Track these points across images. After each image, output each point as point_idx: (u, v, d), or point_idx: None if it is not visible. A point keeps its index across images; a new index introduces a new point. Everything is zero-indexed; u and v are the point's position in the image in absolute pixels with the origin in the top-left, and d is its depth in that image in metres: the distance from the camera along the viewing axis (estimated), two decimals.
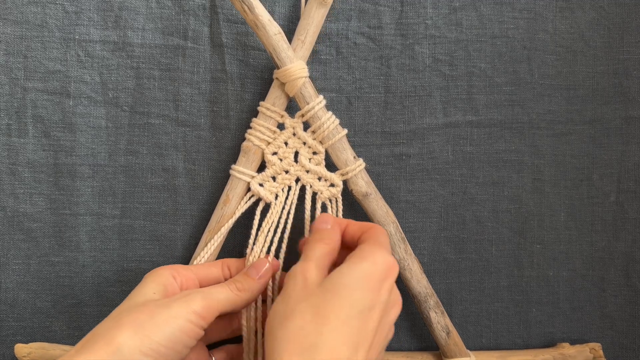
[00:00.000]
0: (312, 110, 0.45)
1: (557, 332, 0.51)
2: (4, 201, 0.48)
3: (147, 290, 0.37)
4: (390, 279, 0.36)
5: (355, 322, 0.33)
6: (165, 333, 0.34)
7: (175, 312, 0.35)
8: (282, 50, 0.44)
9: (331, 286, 0.34)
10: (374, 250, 0.36)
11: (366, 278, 0.34)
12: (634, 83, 0.50)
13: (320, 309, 0.33)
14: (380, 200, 0.46)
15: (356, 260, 0.35)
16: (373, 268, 0.35)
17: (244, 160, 0.46)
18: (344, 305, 0.33)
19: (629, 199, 0.51)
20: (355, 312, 0.33)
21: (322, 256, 0.38)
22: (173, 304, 0.35)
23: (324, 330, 0.32)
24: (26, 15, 0.47)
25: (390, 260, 0.36)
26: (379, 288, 0.35)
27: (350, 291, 0.34)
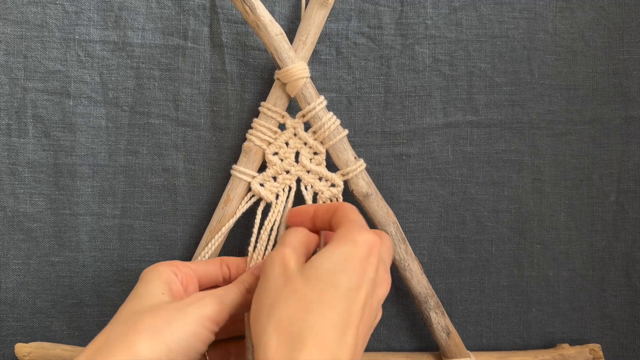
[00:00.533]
0: (313, 110, 0.45)
1: (557, 332, 0.51)
2: (4, 201, 0.48)
3: (155, 289, 0.36)
4: (373, 257, 0.35)
5: (340, 304, 0.32)
6: (181, 339, 0.33)
7: (190, 318, 0.34)
8: (283, 51, 0.44)
9: (313, 271, 0.33)
10: (350, 230, 0.35)
11: (347, 259, 0.34)
12: (634, 83, 0.50)
13: (304, 295, 0.32)
14: (380, 200, 0.46)
15: (335, 244, 0.35)
16: (354, 249, 0.34)
17: (244, 160, 0.46)
18: (327, 289, 0.32)
19: (629, 199, 0.51)
20: (340, 295, 0.32)
21: (297, 242, 0.37)
22: (187, 310, 0.34)
23: (309, 317, 0.31)
24: (26, 15, 0.47)
25: (370, 238, 0.35)
26: (363, 267, 0.34)
27: (332, 274, 0.33)
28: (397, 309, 0.50)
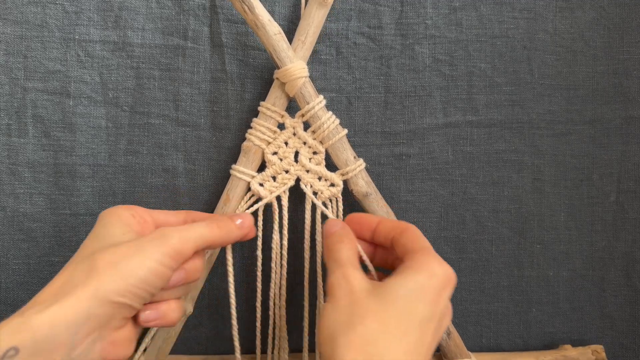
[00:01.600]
0: (312, 110, 0.45)
1: (557, 332, 0.51)
2: (4, 201, 0.48)
3: (115, 230, 0.36)
4: (448, 290, 0.36)
5: (415, 333, 0.33)
6: (140, 275, 0.34)
7: (150, 253, 0.34)
8: (282, 50, 0.44)
9: (389, 296, 0.34)
10: (428, 261, 0.35)
11: (424, 290, 0.34)
12: (634, 83, 0.50)
13: (381, 317, 0.33)
14: (380, 200, 0.46)
15: (412, 272, 0.35)
16: (431, 280, 0.35)
17: (244, 160, 0.46)
18: (404, 316, 0.33)
19: (629, 199, 0.51)
20: (415, 324, 0.33)
21: (352, 256, 0.38)
22: (147, 245, 0.35)
23: (387, 339, 0.32)
24: (26, 15, 0.47)
25: (448, 272, 0.36)
26: (437, 299, 0.34)
27: (409, 302, 0.34)
28: None
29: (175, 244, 0.35)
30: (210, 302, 0.49)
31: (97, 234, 0.36)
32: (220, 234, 0.39)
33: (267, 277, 0.48)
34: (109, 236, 0.36)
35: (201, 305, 0.48)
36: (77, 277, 0.33)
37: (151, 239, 0.35)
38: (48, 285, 0.34)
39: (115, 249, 0.34)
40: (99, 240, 0.36)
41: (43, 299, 0.32)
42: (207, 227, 0.38)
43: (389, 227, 0.40)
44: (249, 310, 0.49)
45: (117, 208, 0.38)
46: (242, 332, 0.50)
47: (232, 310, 0.44)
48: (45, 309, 0.31)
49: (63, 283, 0.33)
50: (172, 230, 0.36)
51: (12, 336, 0.30)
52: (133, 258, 0.34)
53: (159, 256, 0.34)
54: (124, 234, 0.36)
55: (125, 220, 0.37)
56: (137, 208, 0.39)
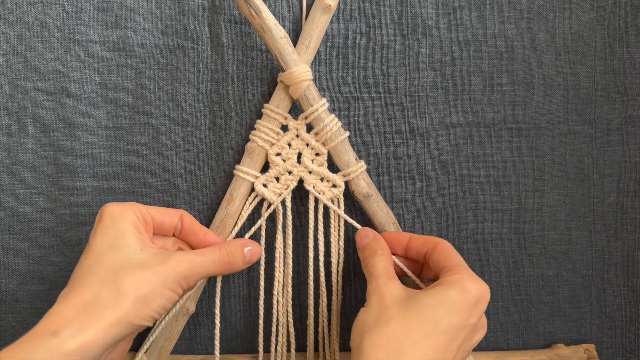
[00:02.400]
0: (316, 112, 0.45)
1: (557, 332, 0.51)
2: (4, 201, 0.48)
3: (133, 242, 0.38)
4: (481, 306, 0.37)
5: (439, 339, 0.35)
6: (161, 303, 0.37)
7: (169, 283, 0.37)
8: (287, 54, 0.44)
9: (416, 304, 0.36)
10: (462, 279, 0.37)
11: (454, 303, 0.36)
12: (634, 83, 0.50)
13: (404, 320, 0.36)
14: (381, 201, 0.47)
15: (444, 287, 0.37)
16: (463, 296, 0.37)
17: (247, 160, 0.46)
18: (427, 322, 0.35)
19: (629, 199, 0.51)
20: (438, 331, 0.35)
21: (386, 266, 0.41)
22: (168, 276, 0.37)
23: (407, 340, 0.35)
24: (26, 15, 0.47)
25: (482, 289, 0.38)
26: (469, 313, 0.36)
27: (435, 311, 0.36)
28: None
29: (189, 278, 0.38)
30: (210, 302, 0.49)
31: (115, 241, 0.38)
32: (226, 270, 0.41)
33: (269, 277, 0.48)
34: (128, 248, 0.37)
35: (201, 305, 0.48)
36: (105, 299, 0.35)
37: (171, 269, 0.37)
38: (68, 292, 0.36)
39: (142, 275, 0.36)
40: (119, 252, 0.37)
41: (72, 315, 0.34)
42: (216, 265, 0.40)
43: (420, 243, 0.43)
44: (250, 309, 0.49)
45: (126, 211, 0.39)
46: (243, 331, 0.50)
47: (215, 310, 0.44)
48: (77, 332, 0.33)
49: (91, 301, 0.35)
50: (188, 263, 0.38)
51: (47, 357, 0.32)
52: (157, 288, 0.36)
53: (176, 286, 0.38)
54: (142, 249, 0.38)
55: (137, 228, 0.39)
56: (140, 208, 0.40)
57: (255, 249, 0.43)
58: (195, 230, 0.42)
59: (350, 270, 0.50)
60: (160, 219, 0.41)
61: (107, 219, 0.38)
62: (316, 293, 0.47)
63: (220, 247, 0.41)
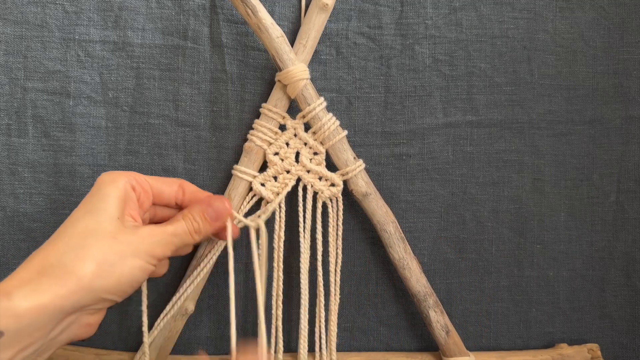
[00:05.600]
0: (313, 111, 0.45)
1: (557, 332, 0.51)
2: (4, 201, 0.48)
3: (111, 208, 0.37)
4: None
5: None
6: (129, 273, 0.35)
7: (140, 254, 0.36)
8: (284, 53, 0.44)
9: None
10: None
11: None
12: (634, 83, 0.50)
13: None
14: (379, 200, 0.47)
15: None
16: None
17: (246, 160, 0.46)
18: None
19: (629, 199, 0.51)
20: None
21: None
22: (140, 246, 0.36)
23: None
24: (26, 15, 0.47)
25: None
26: None
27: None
28: (396, 308, 0.50)
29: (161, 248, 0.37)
30: (210, 302, 0.49)
31: (94, 207, 0.37)
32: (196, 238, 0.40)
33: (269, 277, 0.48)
34: (105, 215, 0.36)
35: (201, 305, 0.48)
36: (69, 264, 0.33)
37: (142, 239, 0.36)
38: (34, 255, 0.34)
39: (110, 243, 0.35)
40: (94, 216, 0.36)
41: (29, 277, 0.32)
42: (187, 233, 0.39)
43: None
44: (250, 310, 0.49)
45: (119, 176, 0.38)
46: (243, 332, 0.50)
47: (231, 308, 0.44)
48: (31, 294, 0.31)
49: (52, 264, 0.33)
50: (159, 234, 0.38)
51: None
52: (126, 257, 0.35)
53: (147, 257, 0.36)
54: (119, 218, 0.36)
55: (124, 194, 0.38)
56: (137, 177, 0.39)
57: (215, 205, 0.40)
58: (198, 197, 0.42)
59: (348, 270, 0.50)
60: (158, 187, 0.41)
61: (97, 185, 0.38)
62: (312, 292, 0.47)
63: (184, 215, 0.40)
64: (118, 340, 0.49)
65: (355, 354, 0.49)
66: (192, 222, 0.39)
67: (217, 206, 0.40)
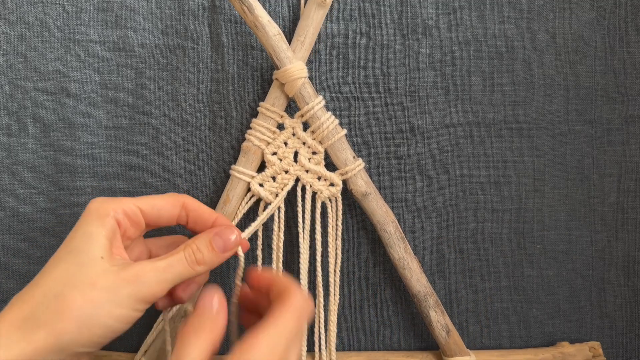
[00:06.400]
0: (312, 110, 0.45)
1: (557, 332, 0.51)
2: (4, 201, 0.48)
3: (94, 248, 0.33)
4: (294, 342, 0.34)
5: None
6: (108, 325, 0.32)
7: (123, 301, 0.33)
8: (281, 51, 0.44)
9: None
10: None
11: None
12: (634, 83, 0.50)
13: None
14: (379, 199, 0.46)
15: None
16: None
17: (243, 160, 0.46)
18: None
19: (629, 199, 0.51)
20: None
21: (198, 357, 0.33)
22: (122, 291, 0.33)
23: None
24: (26, 15, 0.47)
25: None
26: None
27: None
28: (396, 308, 0.50)
29: (151, 289, 0.33)
30: None
31: (76, 245, 0.34)
32: (197, 269, 0.36)
33: None
34: (87, 255, 0.33)
35: None
36: (42, 317, 0.31)
37: (126, 283, 0.33)
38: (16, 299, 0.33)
39: (88, 292, 0.32)
40: (75, 258, 0.33)
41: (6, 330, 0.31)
42: (184, 265, 0.35)
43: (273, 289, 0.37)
44: None
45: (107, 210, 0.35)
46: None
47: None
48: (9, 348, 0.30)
49: (27, 317, 0.32)
50: (147, 272, 0.34)
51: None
52: (104, 307, 0.32)
53: (132, 302, 0.33)
54: (102, 257, 0.33)
55: (112, 232, 0.35)
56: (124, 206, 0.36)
57: (225, 235, 0.37)
58: (204, 217, 0.38)
59: (348, 270, 0.50)
60: (156, 212, 0.37)
61: (82, 220, 0.35)
62: (312, 293, 0.47)
63: (185, 245, 0.36)
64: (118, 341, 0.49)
65: (355, 353, 0.49)
66: (195, 253, 0.36)
67: (227, 237, 0.37)
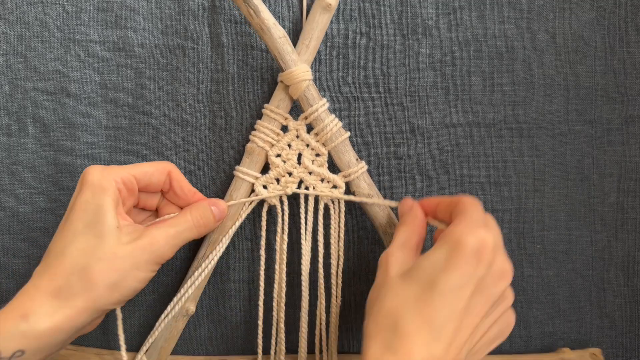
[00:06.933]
0: (316, 112, 0.45)
1: (557, 332, 0.51)
2: (4, 201, 0.48)
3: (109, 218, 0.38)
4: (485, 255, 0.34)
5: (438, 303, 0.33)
6: (134, 287, 0.38)
7: (143, 265, 0.38)
8: (286, 54, 0.44)
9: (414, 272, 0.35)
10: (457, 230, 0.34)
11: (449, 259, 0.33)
12: (634, 83, 0.50)
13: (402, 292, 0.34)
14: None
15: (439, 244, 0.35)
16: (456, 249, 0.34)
17: (247, 161, 0.46)
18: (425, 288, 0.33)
19: (629, 199, 0.51)
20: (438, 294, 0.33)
21: (405, 239, 0.39)
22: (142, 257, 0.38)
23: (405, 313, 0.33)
24: (26, 15, 0.47)
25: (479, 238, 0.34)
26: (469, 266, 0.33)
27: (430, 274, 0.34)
28: None
29: (164, 253, 0.39)
30: (210, 302, 0.49)
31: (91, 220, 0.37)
32: (202, 232, 0.42)
33: (269, 278, 0.48)
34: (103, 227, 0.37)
35: (201, 305, 0.48)
36: (75, 287, 0.36)
37: (143, 250, 0.38)
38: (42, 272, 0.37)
39: (112, 262, 0.37)
40: (93, 231, 0.37)
41: (41, 300, 0.35)
42: (191, 230, 0.41)
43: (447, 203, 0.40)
44: (250, 310, 0.49)
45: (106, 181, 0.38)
46: (243, 332, 0.50)
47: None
48: (46, 316, 0.35)
49: (61, 287, 0.36)
50: (161, 239, 0.39)
51: (19, 341, 0.34)
52: (129, 274, 0.37)
53: (150, 265, 0.39)
54: (117, 226, 0.38)
55: (116, 201, 0.39)
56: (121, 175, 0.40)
57: (221, 206, 0.44)
58: (184, 189, 0.43)
59: (350, 272, 0.50)
60: (147, 179, 0.41)
61: (88, 192, 0.38)
62: (313, 294, 0.47)
63: (190, 212, 0.42)
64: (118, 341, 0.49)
65: (357, 355, 0.49)
66: (201, 218, 0.42)
67: (222, 207, 0.44)
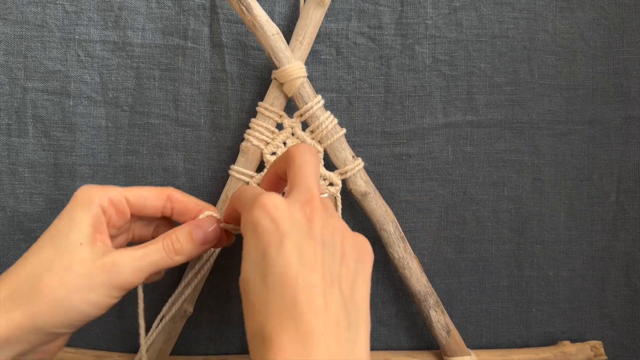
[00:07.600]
0: (311, 110, 0.45)
1: (557, 332, 0.51)
2: (4, 201, 0.48)
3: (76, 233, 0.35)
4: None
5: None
6: (82, 310, 0.34)
7: (98, 288, 0.34)
8: (280, 51, 0.44)
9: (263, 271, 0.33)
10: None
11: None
12: (634, 83, 0.50)
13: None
14: (379, 199, 0.46)
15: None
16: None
17: (242, 160, 0.46)
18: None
19: (629, 199, 0.51)
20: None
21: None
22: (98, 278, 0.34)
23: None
24: (26, 15, 0.47)
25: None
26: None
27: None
28: (396, 308, 0.50)
29: (126, 277, 0.35)
30: (210, 302, 0.49)
31: (58, 231, 0.35)
32: (176, 259, 0.37)
33: None
34: (66, 240, 0.35)
35: (201, 305, 0.48)
36: (19, 298, 0.33)
37: (102, 271, 0.34)
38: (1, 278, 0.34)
39: (62, 275, 0.33)
40: (55, 243, 0.35)
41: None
42: (161, 254, 0.36)
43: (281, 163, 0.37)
44: None
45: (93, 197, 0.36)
46: (243, 332, 0.50)
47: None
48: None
49: (7, 297, 0.33)
50: (124, 261, 0.35)
51: None
52: (79, 293, 0.33)
53: (106, 290, 0.34)
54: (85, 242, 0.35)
55: (96, 219, 0.36)
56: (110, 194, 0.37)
57: (205, 226, 0.38)
58: (189, 208, 0.39)
59: None
60: (142, 202, 0.38)
61: (70, 204, 0.36)
62: None
63: (165, 235, 0.37)
64: (118, 341, 0.49)
65: None
66: (174, 243, 0.37)
67: (206, 227, 0.38)
